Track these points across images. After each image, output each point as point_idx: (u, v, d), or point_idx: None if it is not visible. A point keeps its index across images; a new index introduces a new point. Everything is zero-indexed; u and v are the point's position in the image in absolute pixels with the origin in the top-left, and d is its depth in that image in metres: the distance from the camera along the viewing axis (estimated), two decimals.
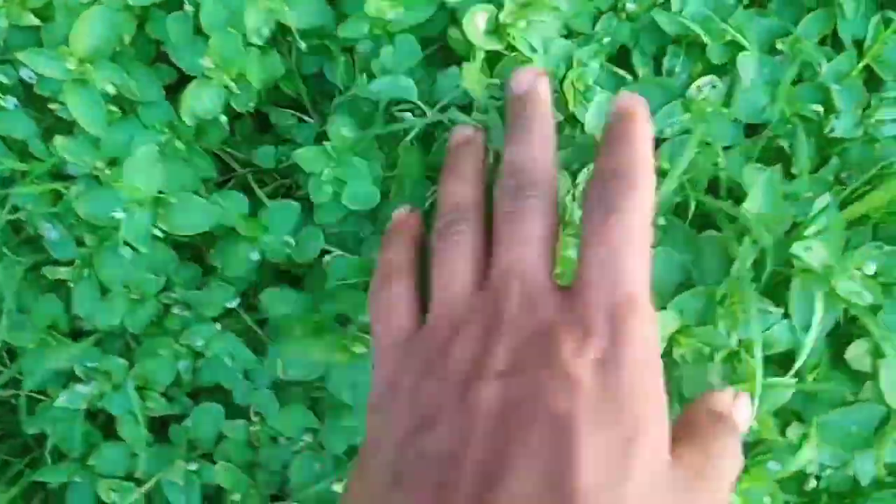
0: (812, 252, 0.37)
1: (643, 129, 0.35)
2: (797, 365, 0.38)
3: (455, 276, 0.34)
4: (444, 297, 0.34)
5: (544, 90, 0.38)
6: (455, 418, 0.29)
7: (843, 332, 0.41)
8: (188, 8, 0.43)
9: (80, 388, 0.46)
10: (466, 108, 0.42)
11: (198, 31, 0.43)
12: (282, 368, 0.44)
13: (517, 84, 0.38)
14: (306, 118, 0.48)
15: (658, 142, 0.42)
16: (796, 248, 0.37)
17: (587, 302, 0.31)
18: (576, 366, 0.29)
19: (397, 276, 0.37)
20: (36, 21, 0.44)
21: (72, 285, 0.47)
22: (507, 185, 0.35)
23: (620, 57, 0.45)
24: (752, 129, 0.44)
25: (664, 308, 0.39)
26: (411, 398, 0.32)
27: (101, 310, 0.46)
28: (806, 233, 0.38)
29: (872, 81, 0.44)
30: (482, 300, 0.33)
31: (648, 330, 0.31)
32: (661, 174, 0.40)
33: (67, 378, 0.48)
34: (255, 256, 0.45)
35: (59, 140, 0.44)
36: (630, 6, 0.43)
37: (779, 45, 0.44)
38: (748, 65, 0.43)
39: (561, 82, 0.42)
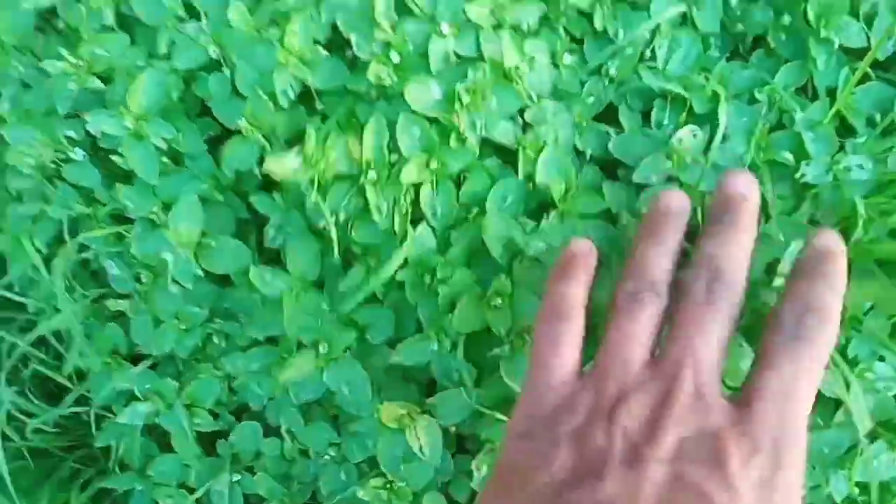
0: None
1: (842, 269, 0.36)
2: None
3: (632, 342, 0.35)
4: (617, 358, 0.35)
5: (755, 198, 0.39)
6: (622, 481, 0.31)
7: None
8: (226, 70, 0.49)
9: (139, 406, 0.53)
10: None
11: (235, 90, 0.49)
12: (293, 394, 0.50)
13: (732, 184, 0.39)
14: None
15: (641, 188, 0.46)
16: (763, 294, 0.41)
17: (759, 421, 0.33)
18: (741, 478, 0.31)
19: (570, 313, 0.37)
20: (100, 84, 0.51)
21: (131, 316, 0.53)
22: (702, 275, 0.36)
23: (610, 111, 0.50)
24: None
25: None
26: (576, 442, 0.34)
27: (155, 338, 0.52)
28: (776, 278, 0.41)
29: (845, 129, 0.47)
30: (654, 377, 0.34)
31: (803, 456, 0.33)
32: (634, 216, 0.45)
33: (128, 397, 0.55)
34: None
35: (120, 188, 0.50)
36: (612, 71, 0.48)
37: (757, 95, 0.48)
38: (728, 114, 0.47)
39: None
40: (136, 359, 0.55)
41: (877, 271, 0.44)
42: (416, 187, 0.46)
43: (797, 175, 0.45)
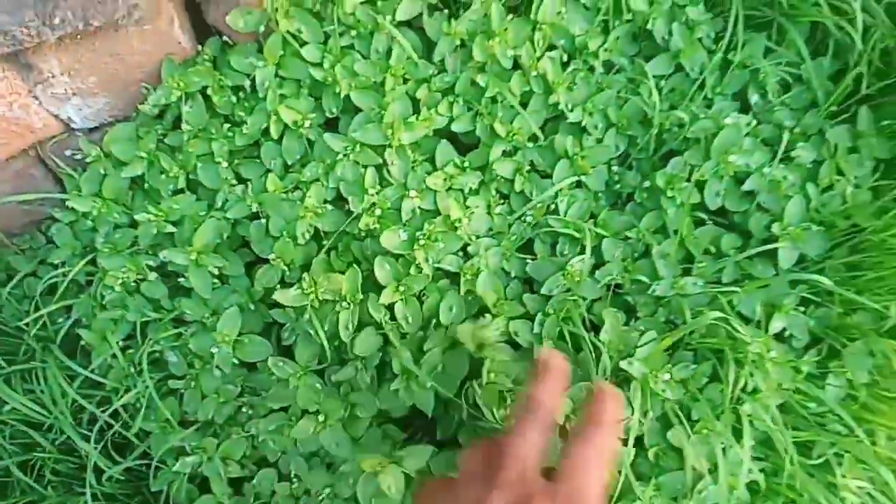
0: (633, 366, 0.60)
1: (619, 408, 0.54)
2: (631, 440, 0.60)
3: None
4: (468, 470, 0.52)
5: (561, 362, 0.55)
6: None
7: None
8: (262, 219, 0.71)
9: (187, 459, 0.71)
10: None
11: (268, 232, 0.71)
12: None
13: (545, 355, 0.56)
14: None
15: (548, 298, 0.66)
16: (622, 363, 0.60)
17: (560, 492, 0.48)
18: None
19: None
20: (172, 228, 0.72)
21: (183, 392, 0.73)
22: (530, 407, 0.53)
23: (528, 244, 0.71)
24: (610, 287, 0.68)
25: None
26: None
27: (201, 408, 0.71)
28: (635, 354, 0.61)
29: (690, 258, 0.68)
30: (497, 470, 0.50)
31: None
32: (546, 315, 0.65)
33: (177, 452, 0.73)
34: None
35: (182, 300, 0.71)
36: (529, 218, 0.69)
37: (629, 234, 0.69)
38: (607, 248, 0.68)
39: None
40: (185, 424, 0.74)
41: (710, 356, 0.64)
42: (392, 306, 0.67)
43: (650, 290, 0.66)
